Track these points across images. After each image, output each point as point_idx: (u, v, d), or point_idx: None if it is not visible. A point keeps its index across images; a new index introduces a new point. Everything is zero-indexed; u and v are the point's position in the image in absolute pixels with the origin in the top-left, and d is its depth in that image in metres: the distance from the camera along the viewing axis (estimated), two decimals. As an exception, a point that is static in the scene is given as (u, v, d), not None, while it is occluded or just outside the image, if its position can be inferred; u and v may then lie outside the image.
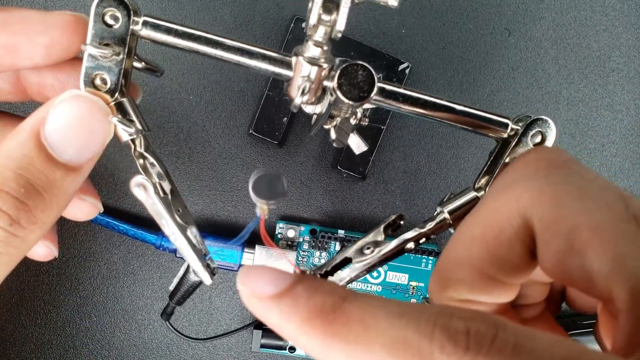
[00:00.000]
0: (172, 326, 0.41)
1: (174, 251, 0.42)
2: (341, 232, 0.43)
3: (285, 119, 0.41)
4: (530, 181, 0.21)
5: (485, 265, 0.22)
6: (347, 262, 0.28)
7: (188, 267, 0.31)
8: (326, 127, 0.31)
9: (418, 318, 0.16)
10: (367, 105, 0.27)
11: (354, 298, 0.18)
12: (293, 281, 0.18)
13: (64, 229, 0.43)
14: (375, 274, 0.44)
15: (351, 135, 0.34)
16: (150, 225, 0.42)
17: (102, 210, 0.30)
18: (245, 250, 0.42)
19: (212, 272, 0.27)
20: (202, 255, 0.26)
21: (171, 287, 0.34)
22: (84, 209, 0.29)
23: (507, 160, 0.27)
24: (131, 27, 0.24)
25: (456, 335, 0.16)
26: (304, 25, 0.40)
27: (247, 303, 0.19)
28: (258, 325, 0.43)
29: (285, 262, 0.42)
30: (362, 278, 0.43)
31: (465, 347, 0.15)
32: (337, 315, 0.17)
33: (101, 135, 0.24)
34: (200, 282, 0.29)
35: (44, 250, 0.29)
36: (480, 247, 0.22)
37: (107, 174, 0.43)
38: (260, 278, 0.18)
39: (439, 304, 0.23)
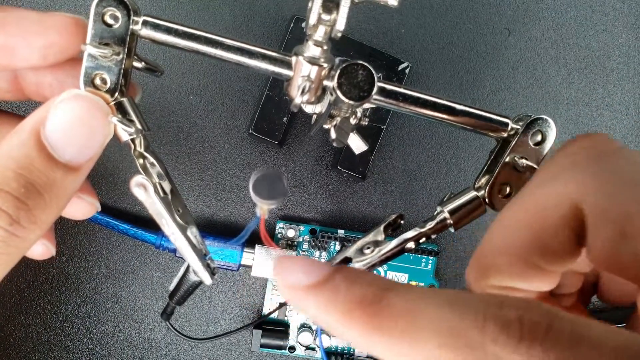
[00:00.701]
0: (172, 326, 0.41)
1: (174, 251, 0.42)
2: (341, 232, 0.43)
3: (285, 118, 0.41)
4: (581, 168, 0.21)
5: (529, 252, 0.21)
6: (347, 261, 0.28)
7: (188, 267, 0.31)
8: (326, 126, 0.31)
9: (467, 308, 0.16)
10: (367, 105, 0.27)
11: (397, 288, 0.17)
12: (331, 271, 0.18)
13: (64, 229, 0.43)
14: (375, 273, 0.44)
15: (351, 135, 0.34)
16: (150, 225, 0.42)
17: (99, 209, 0.30)
18: (245, 250, 0.42)
19: (212, 272, 0.27)
20: (202, 255, 0.26)
21: (171, 287, 0.34)
22: (81, 207, 0.29)
23: (507, 159, 0.27)
24: (131, 26, 0.24)
25: (509, 325, 0.15)
26: (303, 25, 0.40)
27: (283, 294, 0.18)
28: (258, 325, 0.43)
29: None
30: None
31: (519, 337, 0.15)
32: (379, 307, 0.16)
33: (101, 135, 0.24)
34: (201, 282, 0.29)
35: (41, 249, 0.29)
36: (525, 234, 0.21)
37: (107, 173, 0.43)
38: (296, 268, 0.18)
39: (484, 292, 0.23)
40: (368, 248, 0.28)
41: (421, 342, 0.16)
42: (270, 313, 0.43)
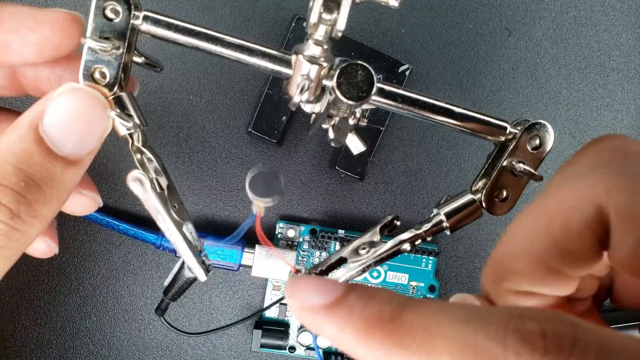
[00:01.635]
0: (166, 321, 0.41)
1: (174, 251, 0.42)
2: (341, 232, 0.43)
3: (284, 117, 0.41)
4: (605, 169, 0.20)
5: (549, 255, 0.20)
6: (342, 261, 0.28)
7: (183, 263, 0.31)
8: (325, 126, 0.31)
9: (487, 322, 0.15)
10: (365, 106, 0.27)
11: (414, 304, 0.17)
12: (345, 290, 0.18)
13: (64, 229, 0.43)
14: (375, 273, 0.44)
15: (349, 135, 0.34)
16: (150, 224, 0.42)
17: (101, 204, 0.30)
18: (245, 250, 0.42)
19: (206, 269, 0.27)
20: (197, 252, 0.26)
21: (166, 283, 0.34)
22: (82, 202, 0.29)
23: (504, 163, 0.27)
24: (132, 21, 0.24)
25: (531, 338, 0.15)
26: (305, 24, 0.40)
27: (298, 316, 0.18)
28: (258, 325, 0.43)
29: (288, 260, 0.42)
30: (361, 278, 0.43)
31: (543, 350, 0.14)
32: (397, 324, 0.16)
33: (100, 128, 0.24)
34: (195, 279, 0.29)
35: (43, 247, 0.29)
36: (545, 237, 0.20)
37: (107, 173, 0.43)
38: (309, 288, 0.18)
39: (502, 302, 0.23)
40: (363, 249, 0.28)
41: (441, 358, 0.15)
42: (267, 307, 0.43)
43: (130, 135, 0.25)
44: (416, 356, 0.16)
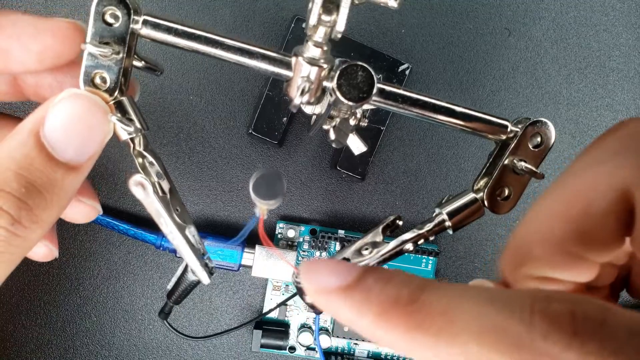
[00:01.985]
0: (169, 325, 0.41)
1: (174, 251, 0.42)
2: (341, 232, 0.43)
3: (284, 119, 0.41)
4: (629, 153, 0.19)
5: (570, 240, 0.20)
6: (345, 262, 0.28)
7: (186, 266, 0.31)
8: (325, 127, 0.31)
9: (510, 304, 0.15)
10: (366, 106, 0.27)
11: (433, 286, 0.16)
12: (362, 272, 0.17)
13: (64, 230, 0.43)
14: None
15: (350, 135, 0.34)
16: (150, 225, 0.42)
17: (101, 212, 0.30)
18: (246, 250, 0.42)
19: (210, 272, 0.27)
20: (200, 255, 0.26)
21: (169, 286, 0.34)
22: (82, 210, 0.29)
23: (506, 162, 0.27)
24: (131, 26, 0.24)
25: (560, 319, 0.14)
26: (304, 25, 0.40)
27: (313, 299, 0.18)
28: (258, 325, 0.43)
29: (288, 260, 0.42)
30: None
31: (573, 332, 0.14)
32: (415, 307, 0.16)
33: (101, 134, 0.24)
34: (198, 282, 0.29)
35: (44, 251, 0.29)
36: (565, 222, 0.20)
37: (107, 174, 0.43)
38: (325, 271, 0.17)
39: (522, 285, 0.22)
40: (366, 249, 0.28)
41: (461, 341, 0.15)
42: (269, 311, 0.43)
43: (132, 139, 0.25)
44: (435, 339, 0.15)
